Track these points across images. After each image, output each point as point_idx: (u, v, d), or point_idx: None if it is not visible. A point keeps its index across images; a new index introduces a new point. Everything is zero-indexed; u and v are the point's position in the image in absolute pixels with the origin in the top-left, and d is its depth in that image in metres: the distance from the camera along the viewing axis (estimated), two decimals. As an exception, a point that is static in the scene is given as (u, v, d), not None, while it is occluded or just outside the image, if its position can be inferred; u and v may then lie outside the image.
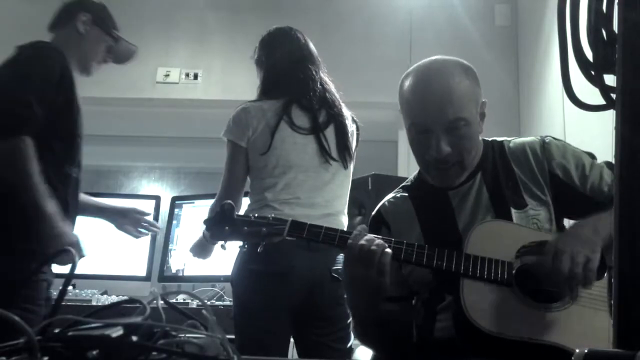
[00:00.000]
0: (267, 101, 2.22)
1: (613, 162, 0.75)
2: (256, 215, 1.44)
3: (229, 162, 2.19)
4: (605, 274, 1.32)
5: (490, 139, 1.57)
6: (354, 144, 2.33)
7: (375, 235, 1.35)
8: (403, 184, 1.64)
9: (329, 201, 2.19)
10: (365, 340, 1.52)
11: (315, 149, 2.19)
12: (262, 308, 2.04)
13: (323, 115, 2.24)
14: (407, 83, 1.46)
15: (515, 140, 1.55)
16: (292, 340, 2.23)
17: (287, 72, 2.27)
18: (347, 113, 2.32)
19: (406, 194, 1.58)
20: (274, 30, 2.37)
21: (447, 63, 1.46)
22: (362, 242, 1.30)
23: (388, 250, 1.30)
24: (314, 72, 2.27)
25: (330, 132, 2.23)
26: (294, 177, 2.15)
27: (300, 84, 2.24)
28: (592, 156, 1.50)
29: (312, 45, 2.35)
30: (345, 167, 2.26)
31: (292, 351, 2.41)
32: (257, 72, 2.35)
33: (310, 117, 2.21)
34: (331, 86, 2.31)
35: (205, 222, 1.46)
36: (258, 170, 2.17)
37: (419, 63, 1.49)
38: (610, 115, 0.79)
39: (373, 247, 1.29)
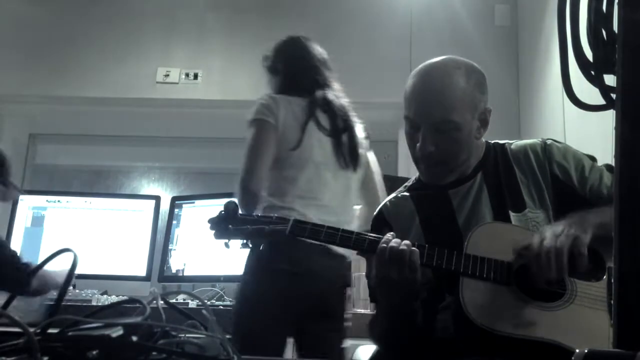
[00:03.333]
0: (290, 97, 2.26)
1: (613, 163, 0.75)
2: (259, 214, 1.45)
3: (256, 135, 2.15)
4: (605, 276, 1.32)
5: (492, 142, 1.57)
6: (363, 153, 2.37)
7: (377, 235, 1.38)
8: (405, 183, 1.65)
9: (345, 207, 2.26)
10: (387, 340, 1.52)
11: (333, 152, 2.24)
12: (271, 306, 2.07)
13: (340, 122, 2.29)
14: (410, 77, 1.49)
15: (516, 143, 1.55)
16: (291, 340, 2.25)
17: (306, 75, 2.32)
18: (357, 120, 2.36)
19: (408, 194, 1.59)
20: (288, 39, 2.43)
21: (451, 64, 1.47)
22: (392, 244, 1.32)
23: (415, 249, 1.32)
24: (329, 79, 2.34)
25: (345, 139, 2.27)
26: (315, 173, 2.19)
27: (319, 88, 2.30)
28: (592, 159, 1.50)
29: (323, 51, 2.42)
30: (355, 172, 2.30)
31: (293, 350, 2.40)
32: (270, 79, 2.39)
33: (330, 121, 2.26)
34: (342, 93, 2.37)
35: (209, 220, 1.47)
36: (281, 162, 2.18)
37: (431, 60, 1.50)
38: (610, 115, 0.79)
39: (402, 247, 1.31)
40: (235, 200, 1.49)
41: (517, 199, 1.45)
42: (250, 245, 1.48)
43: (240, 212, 1.44)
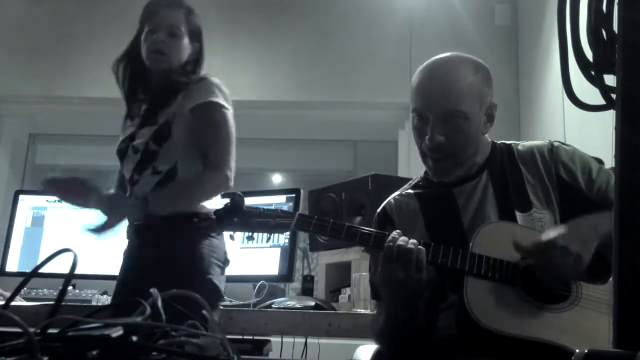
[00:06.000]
0: None
1: (613, 164, 0.75)
2: (264, 208, 1.46)
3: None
4: (610, 279, 1.32)
5: (499, 142, 1.57)
6: None
7: (383, 232, 1.38)
8: (410, 181, 1.65)
9: None
10: (388, 339, 1.52)
11: None
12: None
13: None
14: (416, 73, 1.50)
15: (523, 144, 1.55)
16: (301, 341, 2.25)
17: None
18: None
19: (412, 192, 1.59)
20: None
21: (459, 58, 1.50)
22: (400, 242, 1.33)
23: (422, 248, 1.33)
24: None
25: None
26: None
27: None
28: (600, 162, 1.49)
29: None
30: None
31: (293, 351, 2.41)
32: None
33: None
34: None
35: (215, 212, 1.47)
36: None
37: (435, 56, 1.52)
38: (610, 115, 0.79)
39: (410, 246, 1.32)
40: (241, 193, 1.47)
41: (523, 199, 1.45)
42: (254, 238, 1.48)
43: (246, 205, 1.45)
